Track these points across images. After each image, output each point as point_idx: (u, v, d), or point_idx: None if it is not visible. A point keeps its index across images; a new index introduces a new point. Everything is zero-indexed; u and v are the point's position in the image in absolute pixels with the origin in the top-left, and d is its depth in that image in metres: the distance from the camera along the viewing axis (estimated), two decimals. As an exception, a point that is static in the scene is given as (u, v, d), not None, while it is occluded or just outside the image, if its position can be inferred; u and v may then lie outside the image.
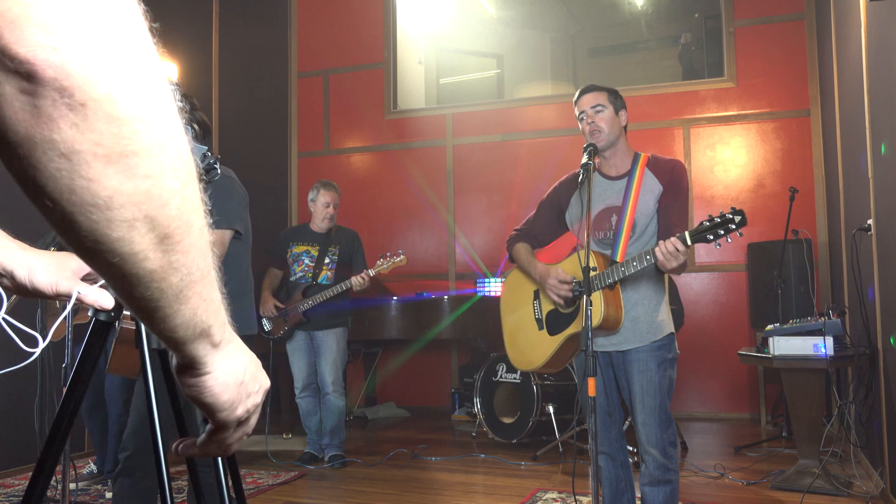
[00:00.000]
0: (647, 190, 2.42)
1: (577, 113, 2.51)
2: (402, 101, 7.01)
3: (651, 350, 2.39)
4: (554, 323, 2.54)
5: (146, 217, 0.45)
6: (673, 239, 2.12)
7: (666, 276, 2.47)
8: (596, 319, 2.32)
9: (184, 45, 5.76)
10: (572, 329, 2.46)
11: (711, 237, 2.04)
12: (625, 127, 2.51)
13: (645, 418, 2.38)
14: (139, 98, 0.42)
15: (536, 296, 2.62)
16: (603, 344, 2.45)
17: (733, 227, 2.00)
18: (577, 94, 2.53)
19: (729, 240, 2.06)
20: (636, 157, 2.49)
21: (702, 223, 2.08)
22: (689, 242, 2.08)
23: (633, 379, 2.41)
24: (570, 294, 2.44)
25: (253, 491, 3.78)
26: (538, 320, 2.60)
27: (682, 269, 2.29)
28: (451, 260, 6.52)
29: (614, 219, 2.44)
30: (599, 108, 2.46)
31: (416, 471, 4.24)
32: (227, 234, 2.47)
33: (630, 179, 2.45)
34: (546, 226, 2.66)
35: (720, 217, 2.01)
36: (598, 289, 2.34)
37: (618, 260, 2.38)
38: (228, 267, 2.51)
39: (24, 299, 2.28)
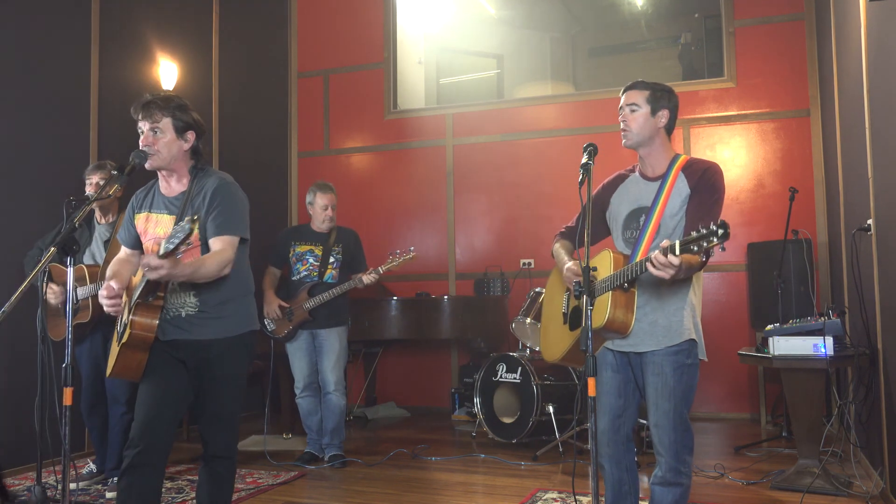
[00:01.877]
0: (676, 192, 2.39)
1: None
2: (402, 101, 7.01)
3: (667, 354, 2.37)
4: (574, 318, 2.55)
5: None
6: (657, 252, 2.09)
7: (695, 282, 2.43)
8: (600, 320, 2.31)
9: (184, 45, 5.76)
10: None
11: (696, 248, 2.01)
12: (666, 127, 2.47)
13: (658, 420, 2.38)
14: None
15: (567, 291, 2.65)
16: (620, 344, 2.44)
17: (714, 240, 1.95)
18: (623, 88, 2.51)
19: (712, 253, 2.03)
20: (674, 159, 2.46)
21: (690, 233, 2.06)
22: (677, 253, 2.05)
23: (648, 381, 2.40)
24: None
25: (253, 491, 3.78)
26: (564, 314, 2.63)
27: (691, 271, 2.24)
28: (451, 260, 6.52)
29: (642, 219, 2.43)
30: (634, 107, 2.44)
31: (416, 471, 4.24)
32: (236, 239, 2.50)
33: (664, 181, 2.42)
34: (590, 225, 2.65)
35: (706, 229, 1.99)
36: (608, 290, 2.33)
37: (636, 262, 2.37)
38: (233, 271, 2.52)
39: (25, 300, 2.28)
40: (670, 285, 2.37)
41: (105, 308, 2.47)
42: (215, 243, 2.47)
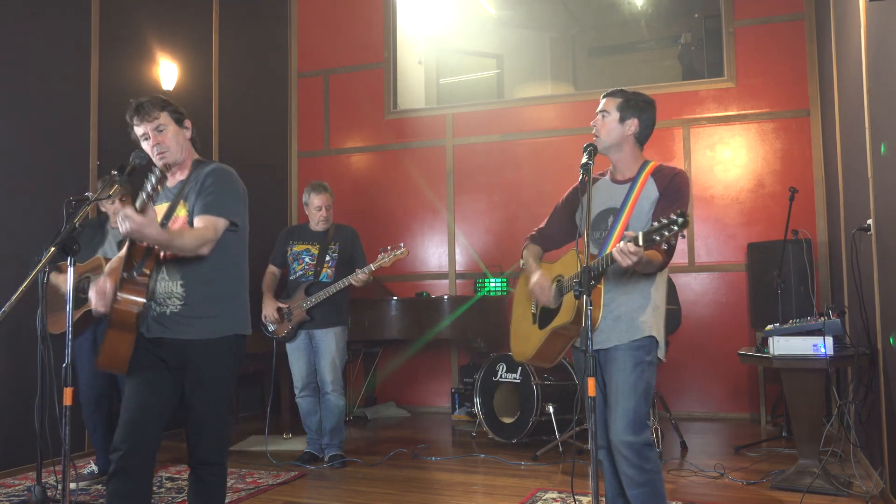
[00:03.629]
0: (645, 196, 2.45)
1: None
2: (402, 101, 7.01)
3: (629, 349, 2.40)
4: (544, 317, 2.61)
5: None
6: (622, 242, 2.14)
7: (659, 281, 2.47)
8: (568, 316, 2.39)
9: (184, 45, 5.76)
10: (554, 323, 2.51)
11: (657, 238, 2.07)
12: (636, 135, 2.50)
13: (617, 417, 2.38)
14: None
15: None
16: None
17: (675, 228, 2.03)
18: (603, 94, 2.57)
19: (674, 241, 2.11)
20: (644, 165, 2.52)
21: (652, 224, 2.12)
22: (640, 242, 2.11)
23: (611, 377, 2.43)
24: (549, 300, 2.52)
25: (253, 491, 3.78)
26: (533, 314, 2.69)
27: (651, 266, 2.32)
28: (451, 260, 6.52)
29: (610, 220, 2.48)
30: (605, 113, 2.50)
31: (416, 471, 4.24)
32: (221, 221, 2.41)
33: (633, 184, 2.48)
34: (560, 226, 2.72)
35: (666, 219, 2.05)
36: (574, 288, 2.36)
37: None
38: (225, 265, 2.46)
39: (26, 297, 2.28)
40: (635, 282, 2.43)
41: (93, 306, 2.35)
42: (198, 221, 2.38)
